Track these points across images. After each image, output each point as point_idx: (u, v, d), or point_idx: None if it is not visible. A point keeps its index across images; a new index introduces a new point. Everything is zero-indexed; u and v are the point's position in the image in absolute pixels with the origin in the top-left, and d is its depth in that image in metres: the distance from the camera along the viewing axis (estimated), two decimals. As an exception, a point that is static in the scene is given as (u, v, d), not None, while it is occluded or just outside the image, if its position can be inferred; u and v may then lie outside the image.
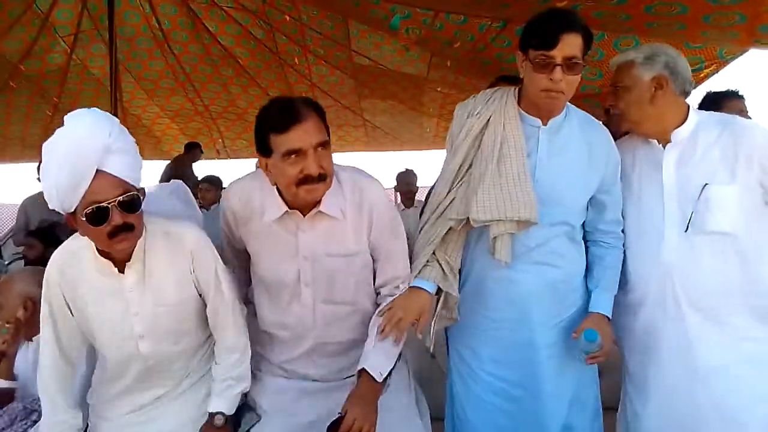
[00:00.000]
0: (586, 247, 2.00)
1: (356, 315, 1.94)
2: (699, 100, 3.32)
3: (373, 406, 1.68)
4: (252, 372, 1.97)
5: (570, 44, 1.70)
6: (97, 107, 1.64)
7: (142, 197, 1.66)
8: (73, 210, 1.58)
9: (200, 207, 5.36)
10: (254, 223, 1.85)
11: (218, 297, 1.84)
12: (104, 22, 5.72)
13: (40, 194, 4.70)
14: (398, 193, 5.57)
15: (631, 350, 2.03)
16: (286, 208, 1.79)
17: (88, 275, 1.73)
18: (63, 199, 1.56)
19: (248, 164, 9.20)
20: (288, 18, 5.63)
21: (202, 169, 7.06)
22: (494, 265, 1.86)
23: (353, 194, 1.84)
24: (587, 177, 1.88)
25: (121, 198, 1.57)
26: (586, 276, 2.00)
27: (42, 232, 4.11)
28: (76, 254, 1.73)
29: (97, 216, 1.55)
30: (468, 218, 1.82)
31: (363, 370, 1.76)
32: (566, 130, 1.88)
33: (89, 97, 6.98)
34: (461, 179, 1.88)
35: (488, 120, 1.86)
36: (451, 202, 1.88)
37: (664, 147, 1.93)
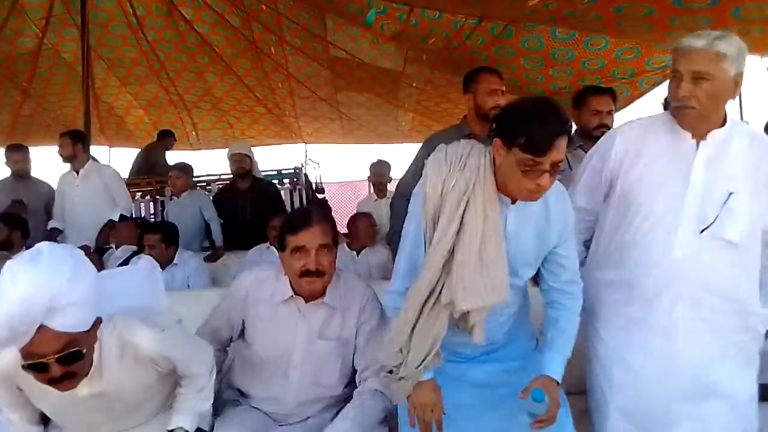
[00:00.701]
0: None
1: (333, 399, 2.14)
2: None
3: None
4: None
5: (560, 149, 1.62)
6: (68, 93, 1.62)
7: (96, 325, 1.64)
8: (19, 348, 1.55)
9: (171, 195, 5.35)
10: (262, 304, 2.12)
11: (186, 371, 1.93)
12: (77, 6, 5.65)
13: (8, 178, 4.69)
14: (371, 184, 5.62)
15: (609, 331, 2.06)
16: (292, 293, 2.09)
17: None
18: (6, 343, 1.51)
19: (221, 154, 9.13)
20: (264, 7, 5.62)
21: (174, 159, 6.98)
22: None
23: (350, 291, 2.15)
24: (545, 242, 1.88)
25: (60, 354, 1.52)
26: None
27: (8, 216, 4.02)
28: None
29: (35, 367, 1.53)
30: None
31: None
32: (531, 205, 1.84)
33: (60, 82, 6.87)
34: (445, 265, 1.79)
35: (466, 194, 1.76)
36: (440, 291, 1.80)
37: (697, 144, 1.89)
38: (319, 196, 7.04)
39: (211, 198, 5.08)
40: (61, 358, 1.51)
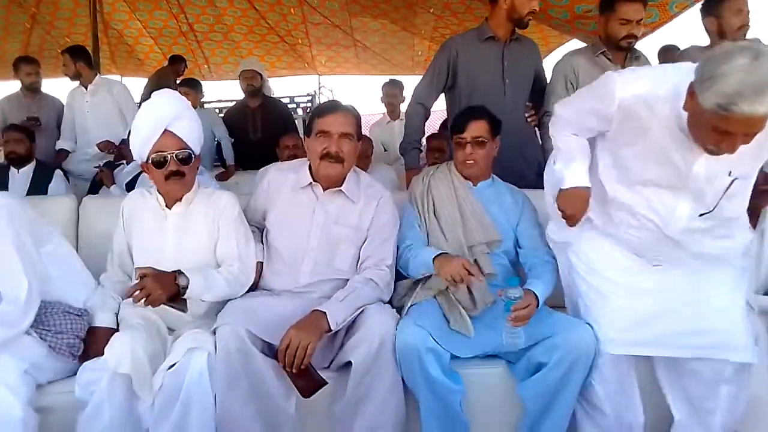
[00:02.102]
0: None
1: (343, 283, 2.14)
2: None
3: (315, 334, 1.86)
4: None
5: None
6: (77, 19, 1.66)
7: (197, 157, 2.15)
8: (145, 159, 2.08)
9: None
10: (283, 191, 2.25)
11: (228, 243, 2.17)
12: None
13: (16, 94, 4.62)
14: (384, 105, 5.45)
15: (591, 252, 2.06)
16: (311, 180, 2.21)
17: (147, 206, 2.21)
18: (140, 149, 2.08)
19: (234, 85, 8.95)
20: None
21: (186, 86, 6.83)
22: None
23: (369, 187, 2.28)
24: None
25: (178, 152, 2.06)
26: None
27: (26, 128, 3.97)
28: (145, 193, 2.25)
29: (158, 162, 2.06)
30: None
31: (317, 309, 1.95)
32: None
33: (69, 8, 6.68)
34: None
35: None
36: None
37: None
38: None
39: (222, 116, 4.99)
40: (178, 155, 2.07)
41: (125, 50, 7.97)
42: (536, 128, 3.16)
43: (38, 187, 3.64)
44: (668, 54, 3.21)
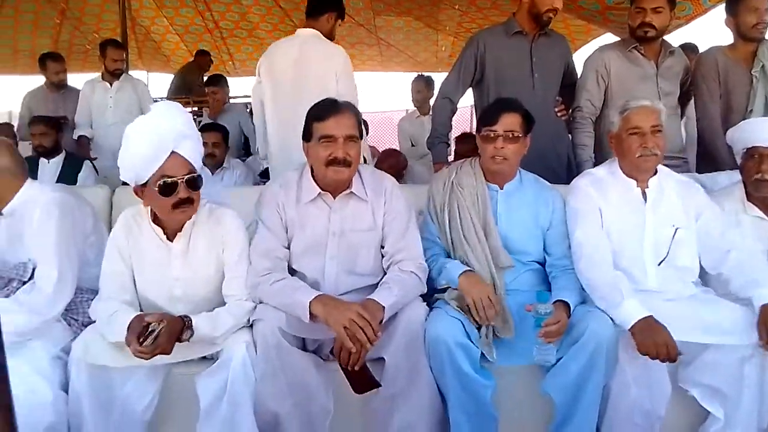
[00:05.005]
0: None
1: (369, 290, 2.05)
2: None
3: (375, 320, 1.82)
4: None
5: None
6: (104, 15, 1.62)
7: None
8: (144, 182, 1.86)
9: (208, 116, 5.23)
10: (290, 207, 2.10)
11: (235, 281, 2.03)
12: None
13: (41, 88, 4.69)
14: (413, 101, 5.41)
15: None
16: (319, 190, 2.08)
17: (143, 240, 2.00)
18: (138, 172, 1.85)
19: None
20: None
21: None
22: None
23: (372, 180, 2.16)
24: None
25: (188, 176, 1.86)
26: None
27: (52, 119, 4.02)
28: (135, 219, 2.03)
29: (167, 188, 1.84)
30: None
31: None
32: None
33: (97, 4, 6.77)
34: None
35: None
36: None
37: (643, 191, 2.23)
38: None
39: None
40: (187, 180, 1.87)
41: (152, 47, 8.07)
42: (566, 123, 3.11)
43: (67, 177, 3.69)
44: (686, 53, 3.12)
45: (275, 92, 3.02)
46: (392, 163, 4.09)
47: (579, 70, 3.09)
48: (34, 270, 1.98)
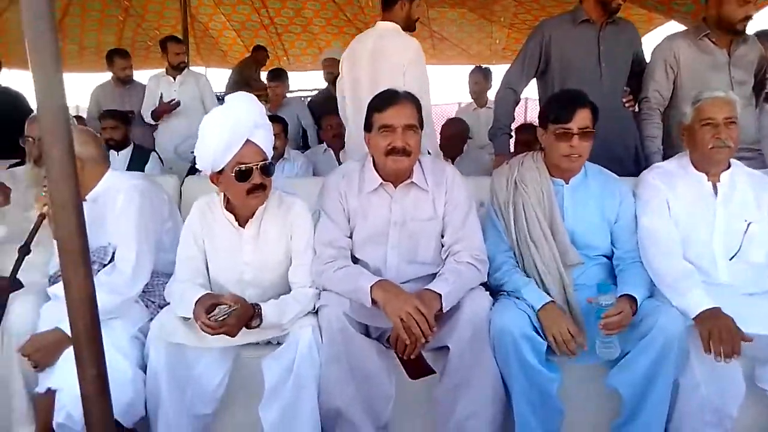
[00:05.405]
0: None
1: (431, 278, 2.06)
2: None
3: (431, 312, 1.84)
4: None
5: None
6: (165, 12, 1.66)
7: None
8: (220, 169, 1.94)
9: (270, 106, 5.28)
10: (352, 195, 2.13)
11: (301, 268, 2.09)
12: None
13: (108, 83, 4.87)
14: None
15: None
16: (381, 181, 2.10)
17: (216, 226, 2.09)
18: (216, 158, 1.93)
19: (314, 76, 9.08)
20: None
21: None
22: None
23: (433, 170, 2.17)
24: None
25: (261, 163, 1.94)
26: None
27: (121, 113, 4.17)
28: (209, 206, 2.11)
29: (242, 174, 1.91)
30: None
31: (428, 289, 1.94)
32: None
33: (159, 2, 6.99)
34: None
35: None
36: None
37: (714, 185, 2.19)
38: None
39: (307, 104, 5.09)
40: (261, 167, 1.95)
41: (210, 42, 8.26)
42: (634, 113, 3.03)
43: (136, 168, 3.83)
44: (760, 41, 2.96)
45: (353, 86, 3.04)
46: (455, 131, 4.22)
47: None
48: (113, 254, 2.07)
